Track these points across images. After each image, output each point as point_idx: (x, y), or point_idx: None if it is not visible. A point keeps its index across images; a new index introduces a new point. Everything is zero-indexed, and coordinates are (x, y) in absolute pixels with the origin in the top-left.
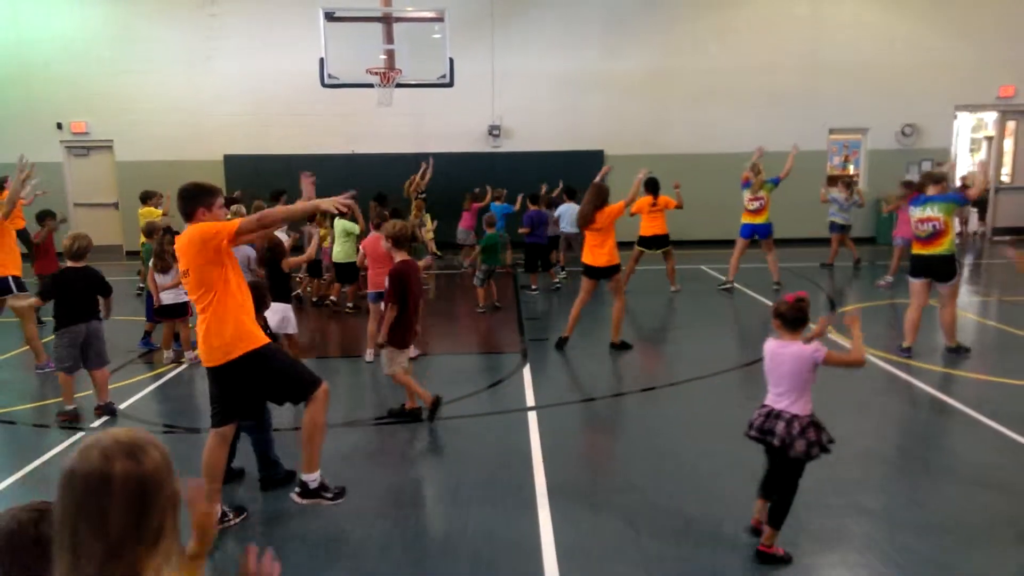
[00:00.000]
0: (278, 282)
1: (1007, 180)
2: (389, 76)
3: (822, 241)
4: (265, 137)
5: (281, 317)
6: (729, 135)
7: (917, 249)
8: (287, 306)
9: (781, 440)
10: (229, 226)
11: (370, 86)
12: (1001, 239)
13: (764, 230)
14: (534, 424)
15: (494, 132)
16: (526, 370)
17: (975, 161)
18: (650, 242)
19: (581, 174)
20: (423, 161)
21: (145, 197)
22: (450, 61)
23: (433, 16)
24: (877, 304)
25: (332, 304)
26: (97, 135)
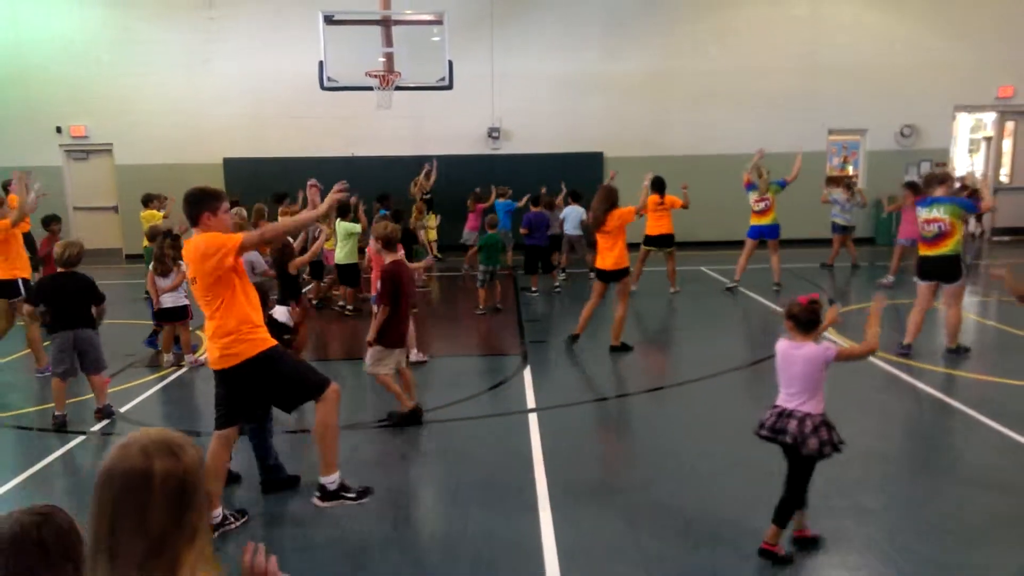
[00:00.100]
0: (288, 282)
1: (1006, 180)
2: (388, 79)
3: (822, 242)
4: (264, 140)
5: (289, 317)
6: (729, 136)
7: (923, 250)
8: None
9: (793, 438)
10: (232, 242)
11: (369, 89)
12: (1000, 239)
13: (772, 231)
14: (535, 426)
15: (494, 134)
16: (526, 372)
17: (978, 174)
18: (655, 241)
19: (581, 176)
20: (427, 163)
21: (147, 200)
22: (449, 63)
23: (432, 19)
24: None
25: (341, 308)
26: (96, 138)
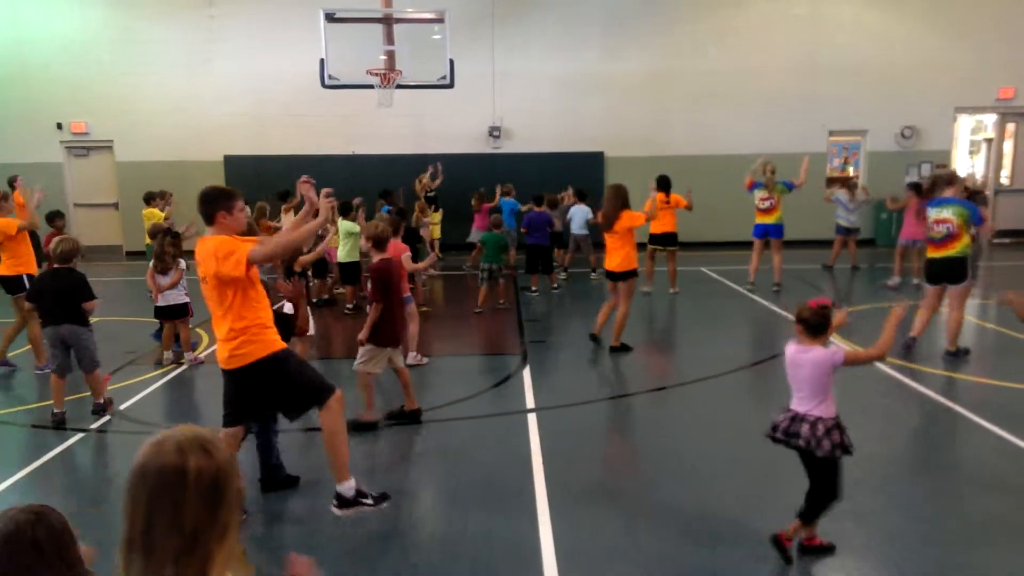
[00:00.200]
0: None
1: (1006, 182)
2: (389, 77)
3: (825, 243)
4: (265, 138)
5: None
6: (729, 137)
7: (931, 252)
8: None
9: (806, 442)
10: (242, 253)
11: (370, 87)
12: (1001, 241)
13: (777, 230)
14: (534, 426)
15: (494, 133)
16: (526, 372)
17: (978, 177)
18: (658, 239)
19: (581, 175)
20: (431, 164)
21: (148, 198)
22: (450, 62)
23: (433, 17)
24: (877, 306)
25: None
26: (97, 135)
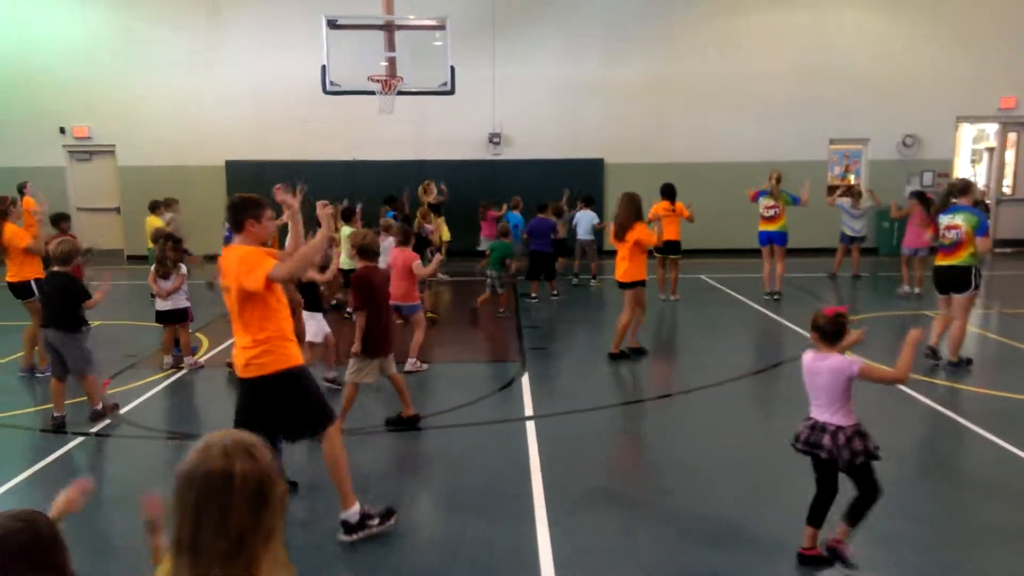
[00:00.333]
0: (307, 291)
1: (1008, 192)
2: (391, 83)
3: (828, 251)
4: (266, 143)
5: (316, 325)
6: (729, 144)
7: (938, 260)
8: (319, 314)
9: (829, 452)
10: (261, 272)
11: (372, 93)
12: (1003, 251)
13: (781, 238)
14: (532, 433)
15: (495, 139)
16: (525, 379)
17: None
18: (663, 248)
19: (581, 182)
20: (440, 183)
21: (153, 207)
22: (451, 69)
23: (434, 24)
24: (881, 315)
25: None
26: (99, 139)
